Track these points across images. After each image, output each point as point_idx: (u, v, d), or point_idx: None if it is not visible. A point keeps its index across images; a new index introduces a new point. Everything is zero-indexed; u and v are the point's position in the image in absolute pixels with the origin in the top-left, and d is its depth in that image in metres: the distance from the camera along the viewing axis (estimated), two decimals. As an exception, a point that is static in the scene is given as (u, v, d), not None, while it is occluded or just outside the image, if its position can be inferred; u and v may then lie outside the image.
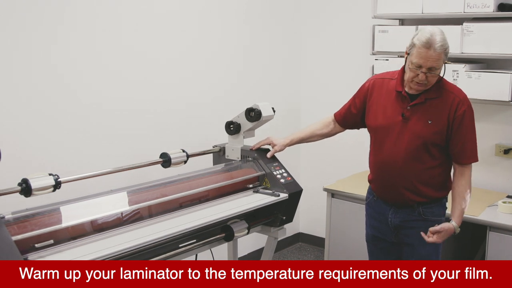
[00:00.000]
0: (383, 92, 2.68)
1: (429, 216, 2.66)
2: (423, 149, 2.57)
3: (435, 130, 2.55)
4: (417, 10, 3.58)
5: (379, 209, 2.77)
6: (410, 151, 2.57)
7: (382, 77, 2.75)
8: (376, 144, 2.70)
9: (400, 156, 2.59)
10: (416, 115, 2.57)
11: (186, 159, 2.92)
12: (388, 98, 2.65)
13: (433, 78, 2.50)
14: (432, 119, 2.55)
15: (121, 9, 3.27)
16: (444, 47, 2.45)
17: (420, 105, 2.56)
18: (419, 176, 2.60)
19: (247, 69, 4.18)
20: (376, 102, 2.70)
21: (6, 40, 2.77)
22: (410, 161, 2.58)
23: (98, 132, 3.19)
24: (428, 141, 2.56)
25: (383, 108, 2.66)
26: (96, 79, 3.17)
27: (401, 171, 2.61)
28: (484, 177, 3.66)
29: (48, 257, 2.18)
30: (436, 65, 2.45)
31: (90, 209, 2.43)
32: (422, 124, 2.56)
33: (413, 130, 2.57)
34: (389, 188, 2.68)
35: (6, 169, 2.31)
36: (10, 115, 2.80)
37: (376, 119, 2.69)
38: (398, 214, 2.70)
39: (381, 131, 2.66)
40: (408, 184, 2.61)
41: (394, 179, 2.64)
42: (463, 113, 2.55)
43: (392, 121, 2.61)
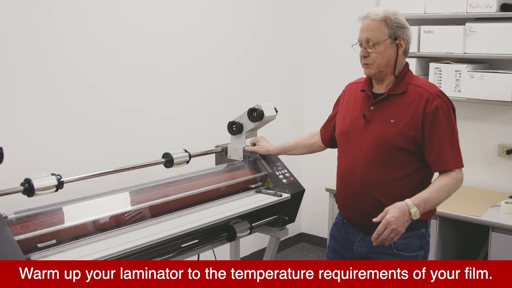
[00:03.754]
0: (352, 96, 2.40)
1: (402, 251, 2.24)
2: (388, 155, 2.19)
3: (399, 130, 2.17)
4: (420, 10, 3.58)
5: (346, 234, 2.38)
6: (370, 157, 2.21)
7: (355, 82, 2.46)
8: (339, 154, 2.39)
9: (360, 164, 2.23)
10: (378, 115, 2.23)
11: (189, 159, 2.92)
12: (355, 101, 2.35)
13: (378, 56, 2.17)
14: (394, 117, 2.19)
15: (124, 10, 3.27)
16: (379, 16, 2.16)
17: (383, 102, 2.23)
18: (384, 190, 2.18)
19: (249, 69, 4.18)
20: (344, 107, 2.41)
21: (8, 41, 2.77)
22: (370, 170, 2.20)
23: (100, 132, 3.20)
24: (392, 144, 2.17)
25: (348, 112, 2.36)
26: (98, 79, 3.18)
27: (362, 183, 2.22)
28: (486, 178, 3.66)
29: (51, 257, 2.18)
30: (372, 36, 2.16)
31: (93, 209, 2.44)
32: (383, 125, 2.20)
33: (373, 132, 2.21)
34: (352, 206, 2.29)
35: (9, 169, 2.31)
36: (12, 115, 2.81)
37: (340, 125, 2.39)
38: (366, 243, 2.28)
39: (344, 137, 2.34)
40: (372, 200, 2.21)
41: (356, 194, 2.25)
42: (435, 109, 2.14)
43: (354, 124, 2.29)
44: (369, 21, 2.17)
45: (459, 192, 3.55)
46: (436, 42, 3.53)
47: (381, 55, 2.18)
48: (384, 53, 2.18)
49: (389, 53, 2.19)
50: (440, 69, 3.54)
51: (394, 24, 2.17)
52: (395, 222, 1.99)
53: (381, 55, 2.18)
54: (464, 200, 3.42)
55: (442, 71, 3.53)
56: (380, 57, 2.19)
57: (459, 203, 3.36)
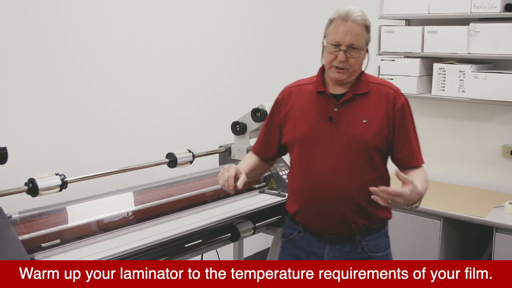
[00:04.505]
0: (302, 98, 2.24)
1: (374, 252, 2.18)
2: (364, 156, 2.11)
3: (375, 130, 2.11)
4: (424, 11, 3.57)
5: (310, 248, 2.21)
6: (346, 160, 2.10)
7: (296, 84, 2.33)
8: (302, 161, 2.18)
9: (334, 168, 2.10)
10: (347, 116, 2.13)
11: (192, 159, 2.93)
12: (310, 103, 2.20)
13: (356, 62, 2.10)
14: (366, 117, 2.11)
15: (126, 12, 3.28)
16: (365, 20, 2.10)
17: (349, 103, 2.13)
18: (363, 193, 2.05)
19: (253, 69, 4.19)
20: (295, 111, 2.23)
21: (11, 41, 2.79)
22: (348, 174, 2.10)
23: (104, 132, 3.21)
24: (368, 145, 2.10)
25: (304, 115, 2.19)
26: (102, 79, 3.19)
27: (340, 188, 2.10)
28: (490, 178, 3.66)
29: (55, 256, 2.19)
30: (357, 42, 2.07)
31: (96, 209, 2.45)
32: (356, 126, 2.11)
33: (347, 133, 2.11)
34: (327, 216, 2.13)
35: (13, 168, 2.32)
36: (16, 116, 2.83)
37: (297, 129, 2.20)
38: (337, 252, 2.17)
39: (306, 143, 2.16)
40: (352, 205, 2.11)
41: (332, 202, 2.11)
42: (402, 106, 2.14)
43: (318, 127, 2.14)
44: (353, 24, 2.07)
45: (463, 193, 3.59)
46: (440, 43, 3.53)
47: (359, 61, 2.12)
48: (361, 59, 2.13)
49: (362, 58, 2.15)
50: (444, 70, 3.53)
51: (369, 28, 2.14)
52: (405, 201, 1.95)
53: (358, 62, 2.12)
54: (468, 201, 3.42)
55: (446, 72, 3.53)
56: (357, 64, 2.12)
57: (463, 204, 3.36)
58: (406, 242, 3.43)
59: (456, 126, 3.81)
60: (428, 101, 3.86)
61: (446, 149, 3.85)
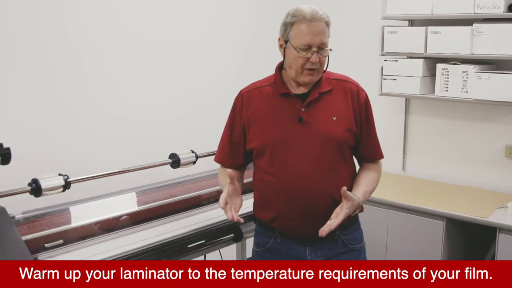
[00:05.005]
0: (264, 101, 2.16)
1: (354, 244, 2.20)
2: (338, 153, 2.10)
3: (345, 127, 2.10)
4: (427, 11, 3.57)
5: (291, 252, 2.16)
6: (321, 159, 2.07)
7: (253, 87, 2.23)
8: (275, 166, 2.10)
9: (310, 169, 2.06)
10: (316, 115, 2.09)
11: (195, 159, 2.93)
12: (273, 106, 2.13)
13: (324, 60, 2.07)
14: (335, 114, 2.09)
15: (129, 13, 3.29)
16: (327, 16, 2.05)
17: (315, 102, 2.10)
18: (339, 189, 2.01)
19: (255, 69, 4.18)
20: (259, 115, 2.14)
21: (17, 42, 2.80)
22: (327, 172, 2.07)
23: (107, 132, 3.21)
24: (341, 141, 2.09)
25: (270, 118, 2.12)
26: (105, 79, 3.20)
27: (320, 188, 2.07)
28: (494, 179, 3.65)
29: (58, 257, 2.20)
30: (325, 40, 2.04)
31: (100, 209, 2.46)
32: (326, 124, 2.08)
33: (319, 132, 2.07)
34: (307, 217, 2.09)
35: (16, 169, 2.33)
36: (20, 115, 2.83)
37: (265, 134, 2.12)
38: (319, 252, 2.15)
39: (277, 147, 2.09)
40: (332, 202, 2.07)
41: (313, 203, 2.07)
42: (365, 101, 2.15)
43: (288, 130, 2.08)
44: (320, 23, 2.03)
45: (466, 193, 3.59)
46: (443, 43, 3.52)
47: (326, 59, 2.09)
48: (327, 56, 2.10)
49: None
50: (447, 70, 3.53)
51: (330, 25, 2.09)
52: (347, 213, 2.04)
53: (325, 60, 2.09)
54: (471, 201, 3.41)
55: (449, 72, 3.52)
56: (325, 62, 2.09)
57: (466, 204, 3.35)
58: (409, 242, 3.43)
59: (459, 127, 3.80)
60: (431, 101, 3.85)
61: (449, 149, 3.84)
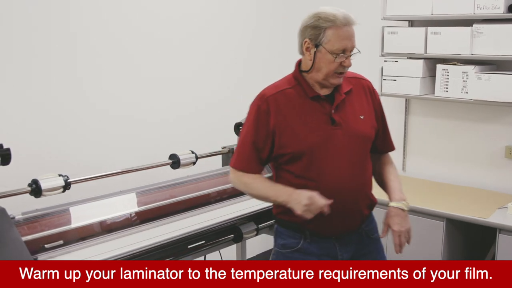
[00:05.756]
0: (293, 105, 2.12)
1: (374, 234, 2.24)
2: (365, 151, 2.16)
3: (371, 124, 2.16)
4: (427, 12, 3.57)
5: (322, 251, 2.15)
6: (355, 158, 2.10)
7: (277, 90, 2.19)
8: (312, 169, 2.08)
9: (348, 169, 2.08)
10: (345, 116, 2.10)
11: (195, 160, 2.93)
12: (303, 110, 2.10)
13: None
14: (361, 113, 2.14)
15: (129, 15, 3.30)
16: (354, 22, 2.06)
17: (342, 103, 2.11)
18: (370, 185, 2.17)
19: (255, 70, 4.19)
20: (291, 121, 2.10)
21: (19, 43, 2.80)
22: (361, 170, 2.13)
23: (107, 133, 3.22)
24: (369, 140, 2.16)
25: (303, 124, 2.09)
26: (106, 81, 3.20)
27: (358, 187, 2.12)
28: (493, 179, 3.65)
29: (58, 257, 2.20)
30: (355, 44, 2.06)
31: (100, 210, 2.46)
32: (357, 123, 2.11)
33: (351, 132, 2.09)
34: (341, 217, 2.10)
35: (16, 169, 2.33)
36: (20, 116, 2.84)
37: (302, 140, 2.08)
38: (348, 247, 2.16)
39: (314, 152, 2.07)
40: (366, 199, 2.17)
41: (351, 202, 2.11)
42: (378, 96, 2.24)
43: (323, 133, 2.07)
44: (351, 27, 2.03)
45: (466, 194, 3.58)
46: (443, 44, 3.52)
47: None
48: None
49: None
50: (447, 71, 3.53)
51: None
52: (403, 226, 2.10)
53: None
54: (471, 202, 3.41)
55: (449, 73, 3.52)
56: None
57: (466, 205, 3.35)
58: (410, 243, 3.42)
59: (459, 127, 3.80)
60: (431, 102, 3.85)
61: (449, 150, 3.84)
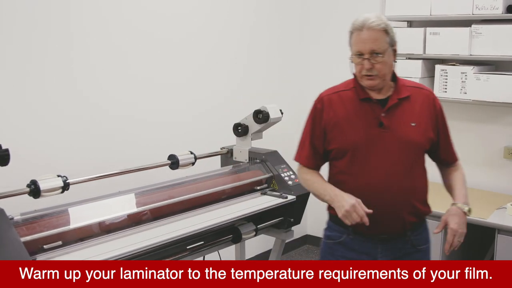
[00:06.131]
0: (344, 105, 2.24)
1: (421, 245, 2.28)
2: (415, 159, 2.22)
3: (423, 133, 2.21)
4: (425, 12, 3.57)
5: (362, 249, 2.23)
6: (400, 164, 2.17)
7: (333, 92, 2.30)
8: (354, 167, 2.20)
9: (393, 171, 2.17)
10: (395, 120, 2.18)
11: (194, 161, 2.93)
12: (353, 110, 2.22)
13: (383, 66, 2.14)
14: (414, 120, 2.20)
15: (128, 15, 3.29)
16: (380, 26, 2.12)
17: (394, 107, 2.19)
18: (417, 194, 2.22)
19: (255, 70, 4.19)
20: (340, 118, 2.23)
21: (17, 45, 2.80)
22: (405, 176, 2.18)
23: (106, 134, 3.21)
24: (419, 148, 2.22)
25: (350, 123, 2.21)
26: (104, 81, 3.19)
27: (398, 191, 2.17)
28: (492, 180, 3.65)
29: (57, 258, 2.20)
30: (377, 47, 2.11)
31: (98, 211, 2.46)
32: (406, 130, 2.18)
33: (397, 138, 2.17)
34: (382, 218, 2.16)
35: (15, 170, 2.33)
36: (19, 117, 2.83)
37: (347, 137, 2.21)
38: (389, 251, 2.22)
39: (358, 150, 2.19)
40: (410, 207, 2.20)
41: (389, 203, 2.17)
42: (440, 108, 2.27)
43: (368, 133, 2.18)
44: (369, 31, 2.11)
45: (465, 194, 3.58)
46: (442, 44, 3.52)
47: (385, 65, 2.14)
48: (387, 62, 2.15)
49: (390, 61, 2.18)
50: (446, 71, 3.53)
51: (388, 31, 2.15)
52: (460, 227, 2.15)
53: (385, 65, 2.14)
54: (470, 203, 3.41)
55: (448, 73, 3.52)
56: (384, 67, 2.14)
57: (465, 205, 3.35)
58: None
59: (458, 128, 3.79)
60: (430, 102, 3.85)
61: (448, 150, 3.85)
